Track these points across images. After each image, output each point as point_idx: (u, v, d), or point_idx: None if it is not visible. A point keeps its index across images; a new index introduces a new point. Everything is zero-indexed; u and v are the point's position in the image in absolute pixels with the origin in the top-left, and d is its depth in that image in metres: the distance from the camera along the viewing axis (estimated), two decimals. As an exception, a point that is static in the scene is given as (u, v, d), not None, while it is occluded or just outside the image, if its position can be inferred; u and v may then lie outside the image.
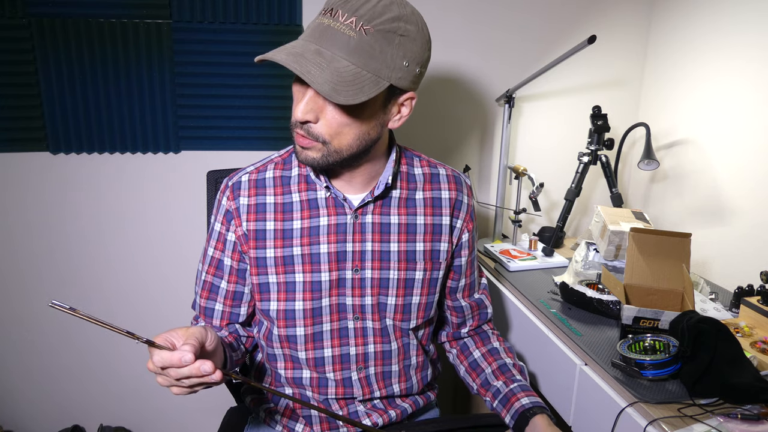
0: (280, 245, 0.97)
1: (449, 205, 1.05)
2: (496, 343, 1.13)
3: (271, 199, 0.98)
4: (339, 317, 1.01)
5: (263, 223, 0.97)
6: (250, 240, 0.98)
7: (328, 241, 0.98)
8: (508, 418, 1.00)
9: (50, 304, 0.67)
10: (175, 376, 0.74)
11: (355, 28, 0.79)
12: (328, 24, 0.81)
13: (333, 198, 0.98)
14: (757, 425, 0.87)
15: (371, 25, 0.80)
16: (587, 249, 1.51)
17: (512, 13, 1.69)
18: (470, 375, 1.11)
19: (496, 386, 1.05)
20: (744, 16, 1.45)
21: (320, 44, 0.81)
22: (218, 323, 1.05)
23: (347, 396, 1.05)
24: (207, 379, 0.75)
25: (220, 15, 1.52)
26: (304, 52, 0.80)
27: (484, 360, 1.10)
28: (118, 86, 1.52)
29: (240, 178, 1.00)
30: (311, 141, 0.86)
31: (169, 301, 1.70)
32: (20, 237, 1.61)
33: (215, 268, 1.02)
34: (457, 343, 1.18)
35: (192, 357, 0.73)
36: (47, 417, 1.75)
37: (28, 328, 1.68)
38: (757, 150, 1.42)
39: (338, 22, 0.80)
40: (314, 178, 0.97)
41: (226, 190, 1.00)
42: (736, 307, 1.26)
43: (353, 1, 0.80)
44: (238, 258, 1.01)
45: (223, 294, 1.03)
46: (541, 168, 1.77)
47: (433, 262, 1.04)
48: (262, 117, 1.62)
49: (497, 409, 1.03)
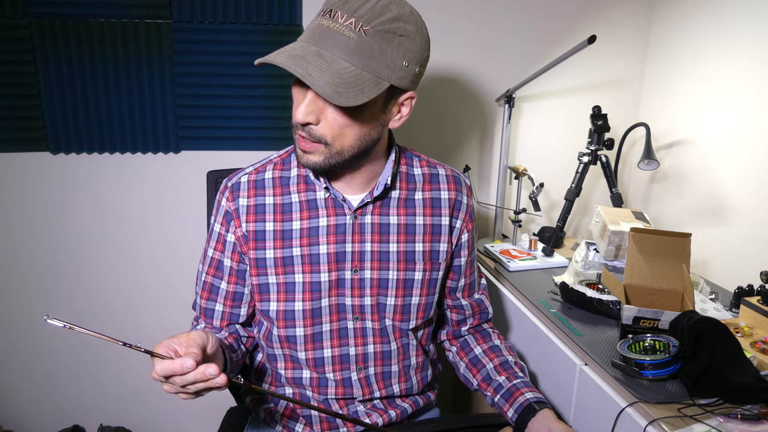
0: (279, 246, 0.97)
1: (449, 205, 1.05)
2: (497, 341, 1.14)
3: (270, 200, 0.98)
4: (339, 317, 1.01)
5: (263, 224, 0.97)
6: (250, 241, 0.98)
7: (328, 242, 0.98)
8: (510, 411, 0.99)
9: (46, 319, 0.67)
10: (180, 383, 0.74)
11: (354, 29, 0.79)
12: (328, 25, 0.81)
13: (332, 198, 0.98)
14: (757, 425, 0.87)
15: (371, 25, 0.80)
16: (587, 249, 1.51)
17: (512, 13, 1.69)
18: (470, 371, 1.11)
19: (499, 381, 1.04)
20: (744, 16, 1.45)
21: (320, 46, 0.81)
22: (218, 323, 1.05)
23: (347, 396, 1.05)
24: (212, 383, 0.74)
25: (220, 15, 1.52)
26: (305, 54, 0.80)
27: (486, 356, 1.10)
28: (118, 86, 1.52)
29: (239, 179, 1.00)
30: (313, 144, 0.86)
31: (169, 301, 1.70)
32: (20, 237, 1.61)
33: (215, 269, 1.02)
34: (457, 340, 1.18)
35: (193, 363, 0.73)
36: (47, 417, 1.75)
37: (28, 328, 1.68)
38: (757, 150, 1.42)
39: (338, 23, 0.80)
40: (313, 178, 0.97)
41: (225, 191, 1.00)
42: (736, 307, 1.26)
43: (352, 2, 0.80)
44: (238, 259, 1.01)
45: (223, 295, 1.03)
46: (541, 168, 1.77)
47: (432, 263, 1.04)
48: (262, 117, 1.62)
49: (499, 404, 1.03)
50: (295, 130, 0.88)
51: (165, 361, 0.74)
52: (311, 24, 0.85)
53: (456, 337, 1.18)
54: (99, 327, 1.58)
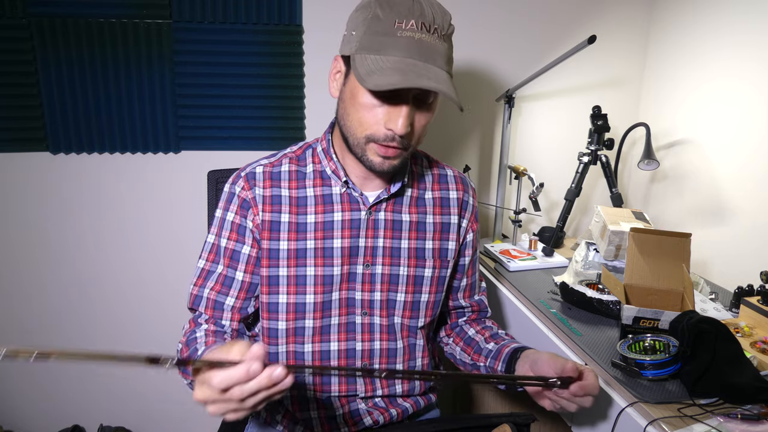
0: (294, 237, 0.98)
1: (457, 204, 1.08)
2: (489, 323, 1.18)
3: (286, 192, 0.99)
4: (347, 312, 1.02)
5: (278, 215, 0.98)
6: (265, 231, 0.98)
7: (342, 236, 0.99)
8: (500, 365, 1.02)
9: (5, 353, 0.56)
10: (239, 396, 0.65)
11: (441, 39, 0.87)
12: (420, 38, 0.84)
13: (348, 194, 1.00)
14: (757, 425, 0.87)
15: (446, 32, 0.88)
16: (587, 249, 1.51)
17: (512, 14, 1.69)
18: (465, 351, 1.13)
19: (488, 348, 1.08)
20: (744, 16, 1.45)
21: (427, 60, 0.85)
22: (228, 318, 1.02)
23: (350, 393, 1.05)
24: (279, 387, 0.66)
25: (220, 15, 1.52)
26: (430, 74, 0.84)
27: (478, 334, 1.14)
28: (118, 86, 1.52)
29: (254, 169, 1.01)
30: (399, 150, 0.91)
31: (169, 301, 1.70)
32: (20, 237, 1.61)
33: (229, 258, 1.00)
34: (454, 330, 1.21)
35: (260, 366, 0.64)
36: (47, 417, 1.75)
37: (28, 328, 1.68)
38: (757, 150, 1.42)
39: (427, 34, 0.85)
40: (330, 173, 1.00)
41: (239, 180, 1.00)
42: (736, 307, 1.26)
43: (427, 13, 0.85)
44: (258, 246, 1.00)
45: (238, 286, 1.01)
46: (541, 168, 1.77)
47: (441, 260, 1.06)
48: (262, 117, 1.62)
49: (490, 366, 1.05)
50: (376, 142, 0.90)
51: (227, 371, 0.63)
52: (394, 38, 0.84)
53: (453, 329, 1.21)
54: (99, 326, 1.58)
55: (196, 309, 1.03)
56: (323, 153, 1.01)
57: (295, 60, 1.59)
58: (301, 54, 1.60)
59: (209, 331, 0.98)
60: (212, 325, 1.01)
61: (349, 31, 0.90)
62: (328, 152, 1.01)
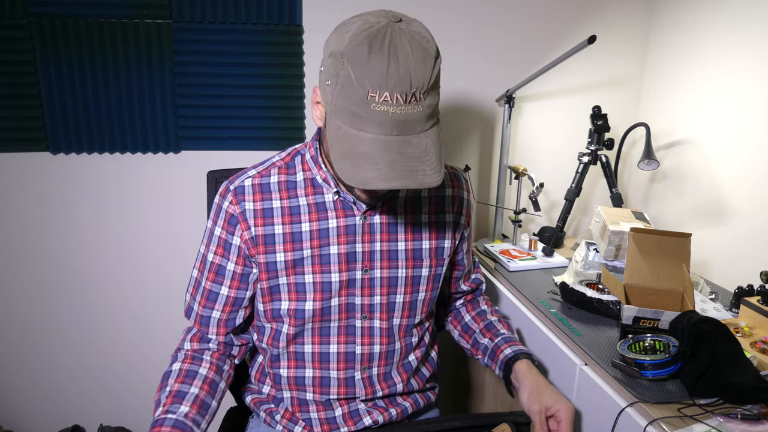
0: (290, 249, 0.97)
1: (452, 202, 1.08)
2: (484, 306, 1.22)
3: (277, 203, 0.97)
4: (347, 316, 1.02)
5: (271, 227, 0.97)
6: (259, 245, 0.97)
7: (339, 242, 0.98)
8: (497, 370, 1.08)
9: None
10: None
11: (423, 97, 0.78)
12: (395, 112, 0.77)
13: (341, 200, 0.98)
14: (757, 425, 0.87)
15: (428, 87, 0.78)
16: (587, 249, 1.51)
17: (512, 13, 1.69)
18: (463, 337, 1.19)
19: (484, 343, 1.13)
20: (744, 16, 1.45)
21: (404, 132, 0.79)
22: (214, 332, 1.03)
23: (349, 396, 1.05)
24: None
25: (220, 15, 1.52)
26: (410, 149, 0.78)
27: (474, 322, 1.18)
28: (118, 86, 1.52)
29: (242, 182, 0.98)
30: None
31: (169, 301, 1.70)
32: (20, 237, 1.61)
33: (215, 273, 1.00)
34: (452, 313, 1.24)
35: None
36: (47, 417, 1.75)
37: (28, 328, 1.68)
38: (757, 150, 1.42)
39: (403, 105, 0.77)
40: (321, 181, 0.98)
41: (227, 194, 0.98)
42: (736, 307, 1.26)
43: (404, 81, 0.76)
44: (243, 263, 0.99)
45: (223, 301, 1.01)
46: (541, 168, 1.77)
47: (437, 259, 1.07)
48: (262, 117, 1.62)
49: (488, 364, 1.12)
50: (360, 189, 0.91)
51: None
52: (368, 111, 0.77)
53: (451, 311, 1.25)
54: (99, 327, 1.58)
55: (189, 319, 1.06)
56: (312, 161, 0.98)
57: (295, 60, 1.60)
58: (301, 54, 1.60)
59: (186, 361, 0.99)
60: (196, 343, 1.03)
61: (324, 77, 0.82)
62: (317, 160, 0.97)
